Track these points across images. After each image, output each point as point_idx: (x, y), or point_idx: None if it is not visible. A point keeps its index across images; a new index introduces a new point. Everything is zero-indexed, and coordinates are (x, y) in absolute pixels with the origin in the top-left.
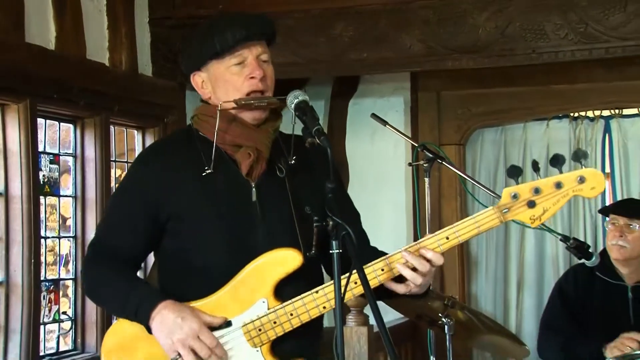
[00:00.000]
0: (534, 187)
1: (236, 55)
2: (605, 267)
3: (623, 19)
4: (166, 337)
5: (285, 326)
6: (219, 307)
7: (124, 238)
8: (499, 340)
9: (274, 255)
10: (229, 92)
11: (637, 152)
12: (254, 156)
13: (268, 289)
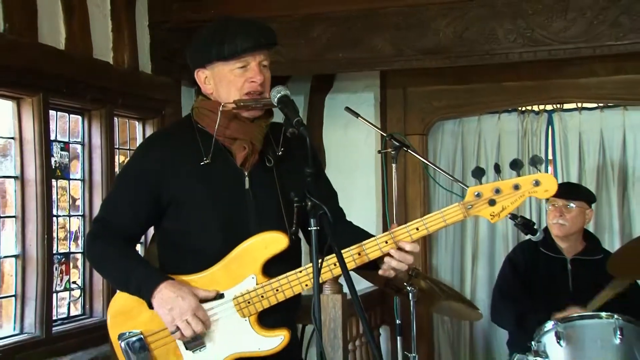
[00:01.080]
0: (495, 187)
1: (241, 60)
2: (548, 242)
3: (564, 25)
4: (167, 313)
5: (271, 300)
6: (213, 281)
7: (126, 217)
8: (456, 306)
9: (263, 237)
10: (230, 91)
11: (575, 141)
12: (249, 149)
13: (257, 267)
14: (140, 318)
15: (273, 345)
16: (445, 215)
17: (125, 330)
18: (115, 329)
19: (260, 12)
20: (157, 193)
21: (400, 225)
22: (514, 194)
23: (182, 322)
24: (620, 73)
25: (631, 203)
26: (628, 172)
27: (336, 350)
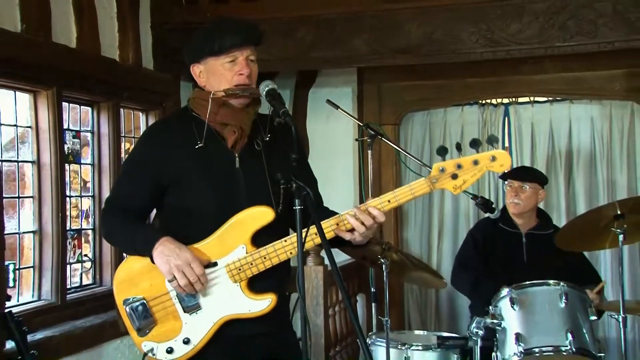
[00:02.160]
0: (457, 163)
1: (230, 55)
2: (505, 219)
3: (519, 28)
4: (165, 263)
5: (260, 267)
6: (207, 250)
7: (133, 197)
8: (424, 275)
9: (252, 211)
10: (221, 83)
11: (528, 131)
12: (238, 133)
13: (247, 237)
14: (142, 285)
15: (261, 307)
16: (414, 188)
17: (129, 296)
18: (120, 295)
19: (252, 15)
20: (158, 175)
21: (375, 198)
22: (473, 168)
23: (179, 272)
24: (567, 71)
25: (576, 185)
26: (573, 158)
27: (318, 315)
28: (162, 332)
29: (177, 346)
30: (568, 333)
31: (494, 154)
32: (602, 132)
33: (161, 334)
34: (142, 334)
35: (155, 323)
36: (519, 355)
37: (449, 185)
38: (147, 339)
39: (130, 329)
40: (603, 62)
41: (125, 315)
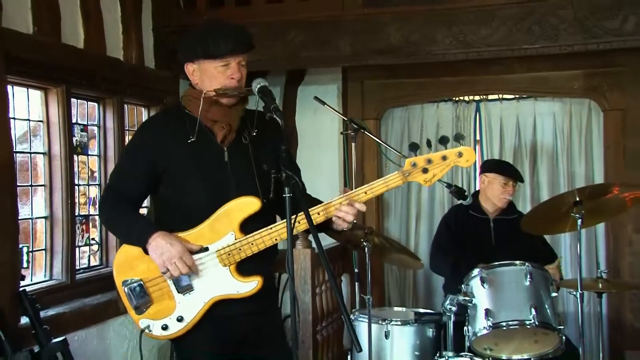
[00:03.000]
0: (427, 158)
1: (224, 60)
2: (475, 206)
3: (489, 32)
4: (159, 257)
5: (247, 252)
6: (199, 237)
7: (129, 186)
8: (403, 257)
9: (240, 201)
10: (213, 84)
11: (497, 126)
12: (227, 129)
13: (235, 225)
14: (139, 268)
15: (249, 288)
16: (388, 181)
17: (128, 278)
18: (120, 277)
19: (245, 19)
20: (152, 166)
21: (352, 190)
22: (442, 163)
23: (172, 264)
24: (532, 71)
25: (539, 175)
26: (537, 150)
27: (306, 293)
28: (158, 310)
29: (171, 323)
30: (532, 308)
31: (461, 150)
32: (563, 127)
33: (157, 312)
34: (139, 312)
35: (152, 302)
36: (487, 329)
37: (420, 178)
38: (144, 316)
39: (128, 308)
40: (564, 64)
41: (124, 295)
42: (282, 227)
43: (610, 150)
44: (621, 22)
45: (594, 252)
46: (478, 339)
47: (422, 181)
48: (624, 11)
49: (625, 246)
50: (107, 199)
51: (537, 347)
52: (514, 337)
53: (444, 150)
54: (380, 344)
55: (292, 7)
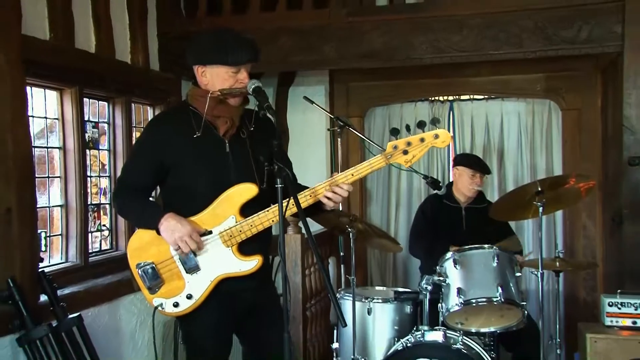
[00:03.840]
0: (407, 141)
1: (236, 67)
2: (448, 195)
3: (460, 39)
4: (170, 235)
5: (247, 234)
6: (204, 221)
7: (139, 177)
8: (384, 242)
9: (240, 187)
10: (222, 85)
11: (468, 123)
12: (229, 124)
13: (236, 209)
14: (150, 252)
15: (250, 266)
16: (372, 163)
17: (141, 261)
18: (133, 260)
19: (241, 25)
20: (161, 158)
21: (341, 173)
22: (420, 145)
23: (182, 242)
24: (499, 74)
25: (505, 167)
26: (504, 145)
27: (296, 274)
28: (169, 289)
29: (181, 301)
30: (498, 287)
31: (437, 132)
32: (526, 125)
33: (168, 291)
34: (153, 292)
35: (163, 282)
36: (459, 305)
37: (401, 159)
38: (157, 296)
39: (142, 288)
40: (527, 68)
41: (138, 277)
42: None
43: (568, 145)
44: (576, 32)
45: (553, 236)
46: (451, 314)
47: (403, 162)
48: (578, 22)
49: (579, 230)
50: (120, 189)
51: (502, 321)
52: (482, 312)
53: (422, 133)
54: (364, 320)
55: (283, 15)
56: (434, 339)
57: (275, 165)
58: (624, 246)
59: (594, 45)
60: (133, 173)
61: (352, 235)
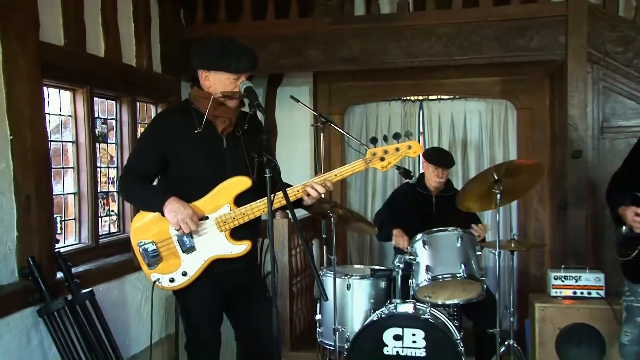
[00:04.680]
0: (384, 149)
1: (237, 74)
2: (420, 184)
3: (430, 45)
4: (174, 216)
5: (240, 221)
6: (202, 207)
7: (144, 166)
8: (361, 225)
9: (235, 179)
10: (223, 88)
11: (436, 120)
12: (227, 122)
13: (230, 199)
14: (151, 231)
15: (240, 250)
16: (353, 166)
17: (142, 240)
18: (135, 239)
19: (235, 32)
20: (163, 151)
21: (325, 173)
22: (395, 153)
23: (184, 223)
24: (463, 77)
25: (468, 159)
26: (467, 140)
27: (284, 254)
28: (166, 266)
29: (177, 277)
30: (462, 264)
31: (410, 144)
32: (486, 122)
33: (165, 268)
34: (151, 267)
35: (161, 260)
36: (427, 281)
37: (378, 165)
38: (155, 271)
39: (142, 264)
40: (487, 72)
41: (139, 254)
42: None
43: (522, 140)
44: (528, 41)
45: (509, 220)
46: (420, 289)
47: (379, 167)
48: (530, 33)
49: (531, 215)
50: (127, 175)
51: (465, 294)
52: (447, 286)
53: (397, 144)
54: (343, 294)
55: (273, 23)
56: (405, 311)
57: (264, 157)
58: (568, 228)
59: (543, 53)
60: (138, 161)
61: (333, 219)
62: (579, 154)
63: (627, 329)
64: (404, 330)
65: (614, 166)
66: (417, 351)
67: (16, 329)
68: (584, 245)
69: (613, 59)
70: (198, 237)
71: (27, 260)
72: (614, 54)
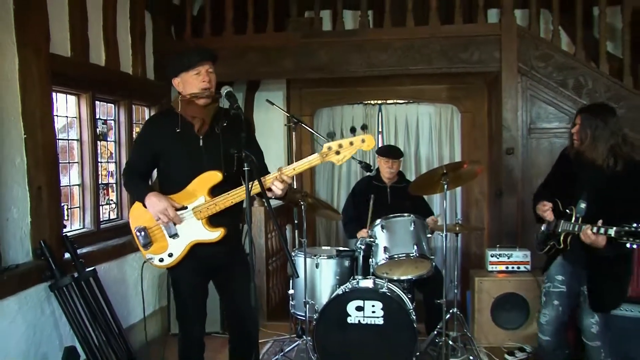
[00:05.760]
0: (339, 144)
1: (195, 69)
2: (377, 177)
3: (387, 57)
4: (152, 209)
5: (213, 210)
6: (182, 198)
7: (138, 163)
8: (328, 212)
9: (208, 174)
10: (192, 89)
11: (393, 122)
12: (201, 122)
13: (206, 191)
14: (145, 218)
15: (215, 236)
16: (310, 161)
17: (138, 225)
18: (133, 224)
19: (218, 44)
20: (153, 150)
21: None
22: (350, 147)
23: (161, 214)
24: (416, 84)
25: (420, 155)
26: (419, 139)
27: (261, 238)
28: (157, 248)
29: (165, 257)
30: (414, 245)
31: (364, 137)
32: (435, 124)
33: (156, 249)
34: (146, 248)
35: (153, 242)
36: (385, 259)
37: (334, 159)
38: (149, 252)
39: (138, 245)
40: (436, 80)
41: (136, 237)
42: (236, 193)
43: (465, 139)
44: (470, 55)
45: (454, 207)
46: (379, 266)
47: (335, 161)
48: (471, 48)
49: (473, 202)
50: (126, 171)
51: (417, 270)
52: (402, 264)
53: (351, 138)
54: (312, 272)
55: (251, 37)
56: (366, 285)
57: (243, 152)
58: (502, 213)
59: (482, 65)
60: (133, 159)
61: (304, 207)
62: (511, 151)
63: (545, 311)
64: (365, 302)
65: (539, 161)
66: (376, 320)
67: (32, 301)
68: (515, 228)
69: (537, 72)
70: (180, 225)
71: (39, 242)
72: (537, 68)
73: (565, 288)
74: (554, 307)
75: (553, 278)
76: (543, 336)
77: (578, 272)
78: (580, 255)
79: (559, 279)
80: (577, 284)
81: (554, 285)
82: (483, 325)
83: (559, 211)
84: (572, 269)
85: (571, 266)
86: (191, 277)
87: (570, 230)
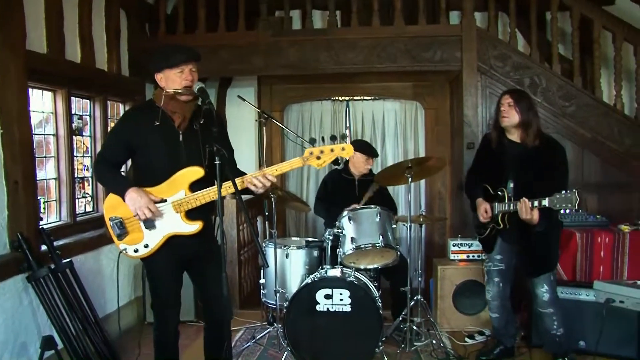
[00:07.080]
0: (320, 150)
1: (179, 68)
2: (345, 171)
3: (354, 55)
4: (132, 205)
5: (193, 204)
6: (161, 192)
7: (113, 154)
8: (298, 204)
9: (189, 169)
10: (174, 85)
11: (360, 117)
12: (181, 118)
13: (186, 186)
14: (120, 209)
15: (193, 229)
16: (292, 163)
17: (112, 215)
18: (107, 214)
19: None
20: (129, 141)
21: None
22: (330, 153)
23: (140, 210)
24: (382, 82)
25: (386, 149)
26: (385, 134)
27: (233, 229)
28: (132, 239)
29: (140, 248)
30: (380, 235)
31: (344, 146)
32: (401, 119)
33: (131, 240)
34: (120, 239)
35: (128, 233)
36: (352, 250)
37: (315, 163)
38: (123, 242)
39: (112, 235)
40: (401, 78)
41: (110, 227)
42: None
43: (429, 134)
44: (432, 54)
45: (418, 199)
46: (346, 256)
47: (315, 165)
48: (434, 48)
49: (436, 194)
50: (99, 161)
51: (383, 259)
52: (368, 254)
53: (332, 145)
54: (283, 262)
55: (223, 35)
56: (334, 274)
57: (214, 146)
58: (463, 205)
59: (444, 64)
60: (108, 150)
61: (274, 199)
62: (472, 145)
63: (488, 288)
64: (333, 291)
65: None
66: (344, 307)
67: (10, 292)
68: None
69: (495, 71)
70: (159, 217)
71: (17, 235)
72: (496, 67)
73: (504, 266)
74: (495, 284)
75: (493, 258)
76: (492, 314)
77: (514, 249)
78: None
79: (498, 258)
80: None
81: (494, 264)
82: (445, 311)
83: (490, 195)
84: (508, 247)
85: (507, 244)
86: (166, 267)
87: (506, 210)
